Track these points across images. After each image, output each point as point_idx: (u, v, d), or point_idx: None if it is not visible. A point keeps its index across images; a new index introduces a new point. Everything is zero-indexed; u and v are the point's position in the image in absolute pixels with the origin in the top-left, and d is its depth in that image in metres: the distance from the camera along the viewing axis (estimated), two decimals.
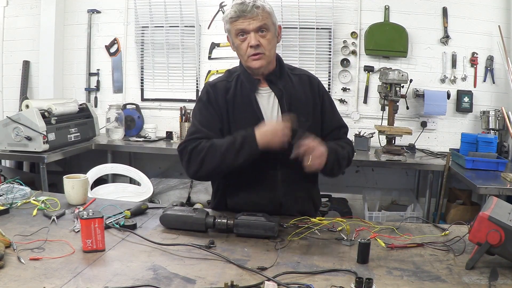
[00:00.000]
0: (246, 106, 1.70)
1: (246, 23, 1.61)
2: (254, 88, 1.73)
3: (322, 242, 1.48)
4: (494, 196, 1.45)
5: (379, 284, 1.17)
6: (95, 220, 1.32)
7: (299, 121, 1.70)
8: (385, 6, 3.71)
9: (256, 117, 1.69)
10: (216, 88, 1.74)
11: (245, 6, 1.60)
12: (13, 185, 1.86)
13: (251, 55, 1.65)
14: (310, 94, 1.80)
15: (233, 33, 1.66)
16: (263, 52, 1.65)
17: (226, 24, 1.68)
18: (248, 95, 1.72)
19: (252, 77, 1.74)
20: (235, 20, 1.62)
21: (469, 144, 3.26)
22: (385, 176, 3.93)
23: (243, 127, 1.64)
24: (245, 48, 1.65)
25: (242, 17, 1.61)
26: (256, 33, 1.62)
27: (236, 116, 1.71)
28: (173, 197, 3.87)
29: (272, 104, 1.73)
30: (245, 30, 1.63)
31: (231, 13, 1.63)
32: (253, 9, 1.60)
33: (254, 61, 1.66)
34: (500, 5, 3.64)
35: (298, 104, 1.75)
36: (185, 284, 1.15)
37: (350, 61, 3.85)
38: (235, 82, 1.75)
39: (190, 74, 4.09)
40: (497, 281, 1.21)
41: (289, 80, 1.77)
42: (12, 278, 1.13)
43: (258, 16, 1.61)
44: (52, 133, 3.14)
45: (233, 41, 1.69)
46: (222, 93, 1.73)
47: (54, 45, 4.07)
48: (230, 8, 1.65)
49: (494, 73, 3.71)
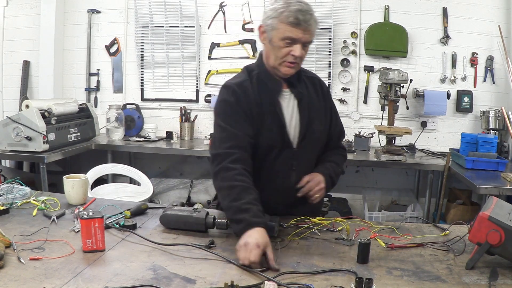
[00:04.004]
0: (271, 108, 1.66)
1: (300, 34, 1.55)
2: (278, 90, 1.69)
3: (322, 242, 1.48)
4: (494, 196, 1.45)
5: (379, 284, 1.17)
6: (95, 220, 1.32)
7: (314, 124, 1.72)
8: (385, 6, 3.71)
9: (279, 120, 1.66)
10: (244, 88, 1.67)
11: (306, 16, 1.54)
12: (13, 185, 1.86)
13: (287, 61, 1.62)
14: (322, 98, 1.80)
15: (280, 35, 1.57)
16: (298, 62, 1.63)
17: (274, 20, 1.57)
18: (272, 97, 1.68)
19: (275, 78, 1.69)
20: (292, 26, 1.54)
21: (469, 144, 3.26)
22: (385, 176, 3.93)
23: (268, 129, 1.64)
24: (285, 53, 1.59)
25: (300, 26, 1.54)
26: (301, 45, 1.59)
27: (263, 117, 1.66)
28: (173, 197, 3.87)
29: (292, 107, 1.71)
30: (295, 39, 1.57)
31: (290, 17, 1.54)
32: (311, 23, 1.56)
33: (287, 68, 1.63)
34: (500, 5, 3.64)
35: (313, 107, 1.74)
36: (185, 284, 1.15)
37: (350, 61, 3.85)
38: (256, 82, 1.69)
39: (190, 74, 4.09)
40: (497, 281, 1.21)
41: (304, 83, 1.76)
42: (12, 278, 1.13)
43: (311, 31, 1.58)
44: (52, 133, 3.13)
45: (273, 39, 1.59)
46: (250, 94, 1.66)
47: (54, 45, 4.07)
48: (285, 7, 1.55)
49: (494, 73, 3.71)
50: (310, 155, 1.74)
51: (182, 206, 2.17)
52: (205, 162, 4.05)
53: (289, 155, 1.66)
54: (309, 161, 1.76)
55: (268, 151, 1.67)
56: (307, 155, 1.71)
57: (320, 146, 1.80)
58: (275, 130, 1.66)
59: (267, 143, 1.66)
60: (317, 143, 1.77)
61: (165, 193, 3.89)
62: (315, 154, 1.78)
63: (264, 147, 1.66)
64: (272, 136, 1.66)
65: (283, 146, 1.67)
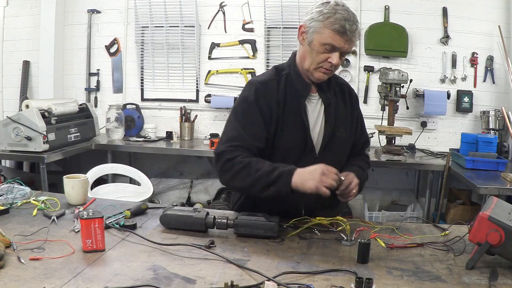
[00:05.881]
0: (295, 111, 1.64)
1: (342, 43, 1.54)
2: (306, 93, 1.66)
3: (322, 242, 1.48)
4: (494, 196, 1.45)
5: (379, 284, 1.17)
6: (95, 220, 1.32)
7: (339, 132, 1.70)
8: (385, 6, 3.72)
9: (303, 124, 1.63)
10: (267, 87, 1.64)
11: (352, 26, 1.52)
12: (13, 185, 1.86)
13: (323, 67, 1.59)
14: (349, 106, 1.78)
15: (322, 40, 1.54)
16: (333, 70, 1.62)
17: (319, 24, 1.54)
18: (298, 100, 1.65)
19: (305, 81, 1.67)
20: (336, 34, 1.52)
21: (469, 144, 3.26)
22: (385, 176, 3.92)
23: (288, 132, 1.62)
24: (323, 59, 1.57)
25: (344, 35, 1.52)
26: (339, 53, 1.57)
27: (284, 119, 1.63)
28: (173, 197, 3.88)
29: (318, 111, 1.69)
30: (336, 47, 1.55)
31: (335, 24, 1.51)
32: (355, 34, 1.55)
33: (322, 74, 1.61)
34: (500, 5, 3.64)
35: (340, 115, 1.72)
36: (185, 284, 1.15)
37: (350, 61, 3.85)
38: (284, 82, 1.66)
39: (190, 74, 4.09)
40: (497, 281, 1.21)
41: (333, 90, 1.74)
42: (12, 278, 1.13)
43: (354, 42, 1.56)
44: (52, 133, 3.13)
45: (313, 42, 1.56)
46: (273, 93, 1.63)
47: (54, 45, 4.07)
48: (333, 13, 1.52)
49: (494, 73, 3.71)
50: (333, 162, 1.62)
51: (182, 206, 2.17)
52: (205, 162, 4.05)
53: (311, 160, 1.59)
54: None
55: (288, 153, 1.64)
56: (330, 162, 1.60)
57: (343, 154, 1.77)
58: (298, 133, 1.63)
59: (288, 145, 1.64)
60: (340, 150, 1.74)
61: (165, 193, 3.90)
62: (338, 162, 1.71)
63: (284, 148, 1.64)
64: (293, 138, 1.64)
65: (306, 150, 1.65)
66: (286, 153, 1.64)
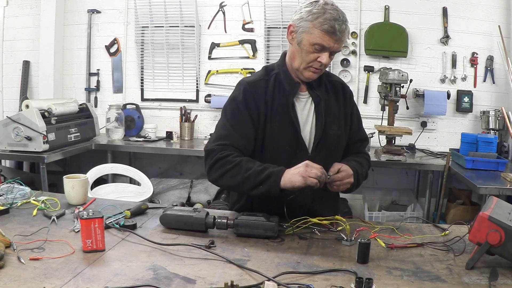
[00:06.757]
0: (284, 110, 1.64)
1: (332, 42, 1.54)
2: (294, 92, 1.67)
3: (322, 242, 1.48)
4: (494, 196, 1.45)
5: (379, 284, 1.17)
6: (95, 220, 1.32)
7: (331, 129, 1.69)
8: (385, 6, 3.71)
9: (292, 123, 1.64)
10: (255, 87, 1.65)
11: (341, 26, 1.52)
12: (13, 185, 1.86)
13: (312, 67, 1.60)
14: (342, 103, 1.77)
15: (312, 40, 1.54)
16: (322, 69, 1.63)
17: (308, 23, 1.54)
18: (286, 99, 1.65)
19: (293, 80, 1.68)
20: (325, 34, 1.52)
21: (469, 144, 3.26)
22: (385, 176, 3.92)
23: (278, 132, 1.63)
24: (312, 59, 1.58)
25: (334, 35, 1.52)
26: (329, 53, 1.57)
27: (272, 118, 1.64)
28: (173, 197, 3.87)
29: (308, 110, 1.69)
30: (326, 47, 1.55)
31: (325, 24, 1.51)
32: (344, 33, 1.55)
33: (311, 73, 1.62)
34: (500, 5, 3.64)
35: (331, 112, 1.72)
36: (185, 284, 1.15)
37: (350, 61, 3.85)
38: (273, 82, 1.67)
39: (190, 74, 4.09)
40: (497, 281, 1.21)
41: (325, 87, 1.74)
42: (12, 278, 1.13)
43: (343, 41, 1.57)
44: (52, 133, 3.13)
45: (303, 42, 1.57)
46: (261, 93, 1.64)
47: (54, 45, 4.07)
48: (322, 13, 1.52)
49: (494, 73, 3.71)
50: (326, 161, 1.63)
51: (182, 206, 2.17)
52: None
53: (304, 159, 1.57)
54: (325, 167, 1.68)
55: (280, 153, 1.65)
56: (324, 161, 1.60)
57: (337, 152, 1.77)
58: (288, 132, 1.64)
59: (279, 144, 1.64)
60: (333, 149, 1.73)
61: (165, 193, 3.89)
62: (333, 160, 1.67)
63: (276, 148, 1.65)
64: (284, 137, 1.64)
65: (297, 149, 1.65)
66: (278, 153, 1.65)
